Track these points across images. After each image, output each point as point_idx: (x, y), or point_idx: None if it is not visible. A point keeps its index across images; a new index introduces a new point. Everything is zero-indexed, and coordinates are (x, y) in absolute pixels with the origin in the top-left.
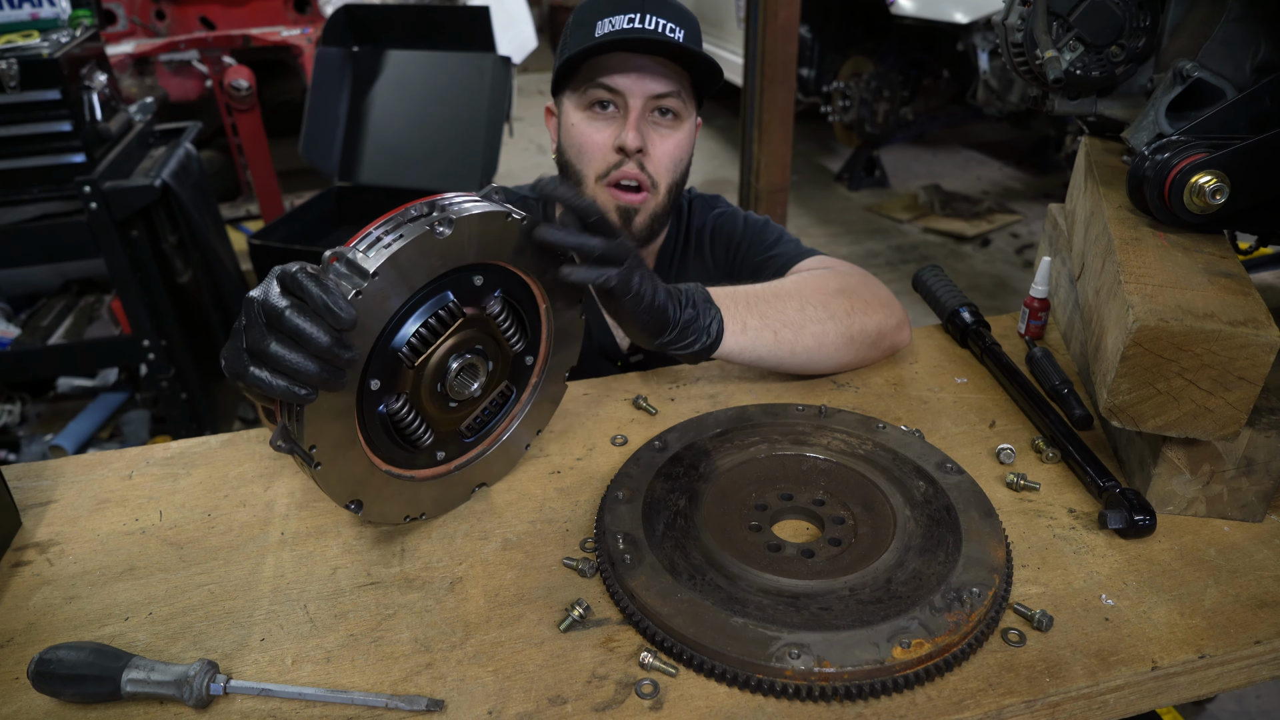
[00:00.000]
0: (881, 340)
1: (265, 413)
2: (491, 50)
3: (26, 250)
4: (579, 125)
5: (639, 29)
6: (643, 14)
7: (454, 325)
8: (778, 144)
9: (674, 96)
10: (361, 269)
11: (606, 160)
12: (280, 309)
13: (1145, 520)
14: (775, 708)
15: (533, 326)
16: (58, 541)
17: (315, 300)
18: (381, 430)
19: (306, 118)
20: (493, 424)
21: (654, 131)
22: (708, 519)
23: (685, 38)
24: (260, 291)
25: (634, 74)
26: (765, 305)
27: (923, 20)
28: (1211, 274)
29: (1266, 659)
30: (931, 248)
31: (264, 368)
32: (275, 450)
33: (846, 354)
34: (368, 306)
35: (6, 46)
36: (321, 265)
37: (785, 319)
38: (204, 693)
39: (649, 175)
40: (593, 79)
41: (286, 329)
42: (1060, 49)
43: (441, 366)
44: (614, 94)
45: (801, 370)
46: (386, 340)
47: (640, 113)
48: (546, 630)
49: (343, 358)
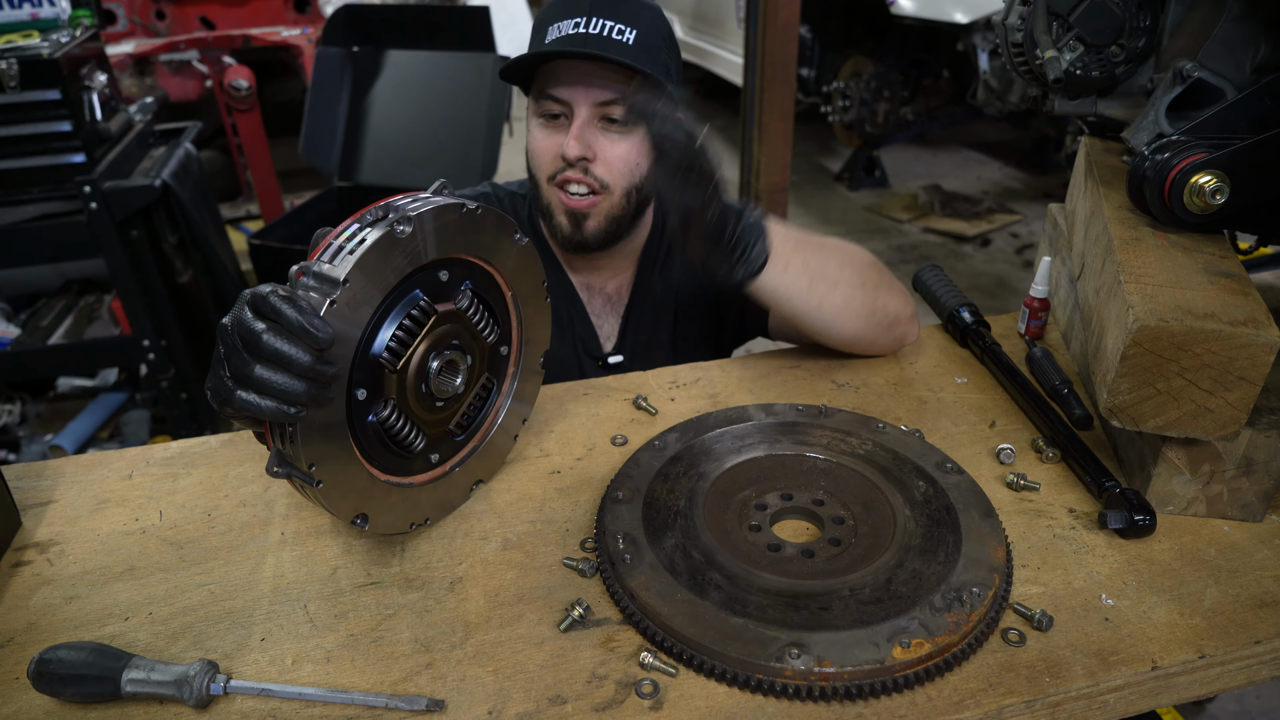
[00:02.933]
0: (896, 325)
1: (258, 437)
2: (491, 50)
3: (26, 250)
4: (533, 132)
5: (582, 34)
6: (589, 17)
7: (428, 323)
8: (778, 144)
9: (620, 103)
10: (331, 278)
11: (553, 165)
12: (258, 333)
13: (1145, 520)
14: (775, 708)
15: (502, 315)
16: (58, 541)
17: (291, 321)
18: (375, 440)
19: (306, 118)
20: (479, 418)
21: (602, 137)
22: (708, 519)
23: (637, 38)
24: (231, 319)
25: (579, 84)
26: (811, 252)
27: (923, 20)
28: (1211, 274)
29: (1266, 659)
30: (931, 248)
31: (250, 391)
32: (272, 476)
33: (865, 327)
34: (343, 315)
35: (6, 46)
36: (290, 282)
37: (823, 272)
38: (204, 693)
39: (597, 179)
40: (543, 89)
41: (266, 353)
42: (1060, 49)
43: (423, 366)
44: (561, 104)
45: (819, 329)
46: (366, 348)
47: (585, 120)
48: (546, 630)
49: (326, 373)
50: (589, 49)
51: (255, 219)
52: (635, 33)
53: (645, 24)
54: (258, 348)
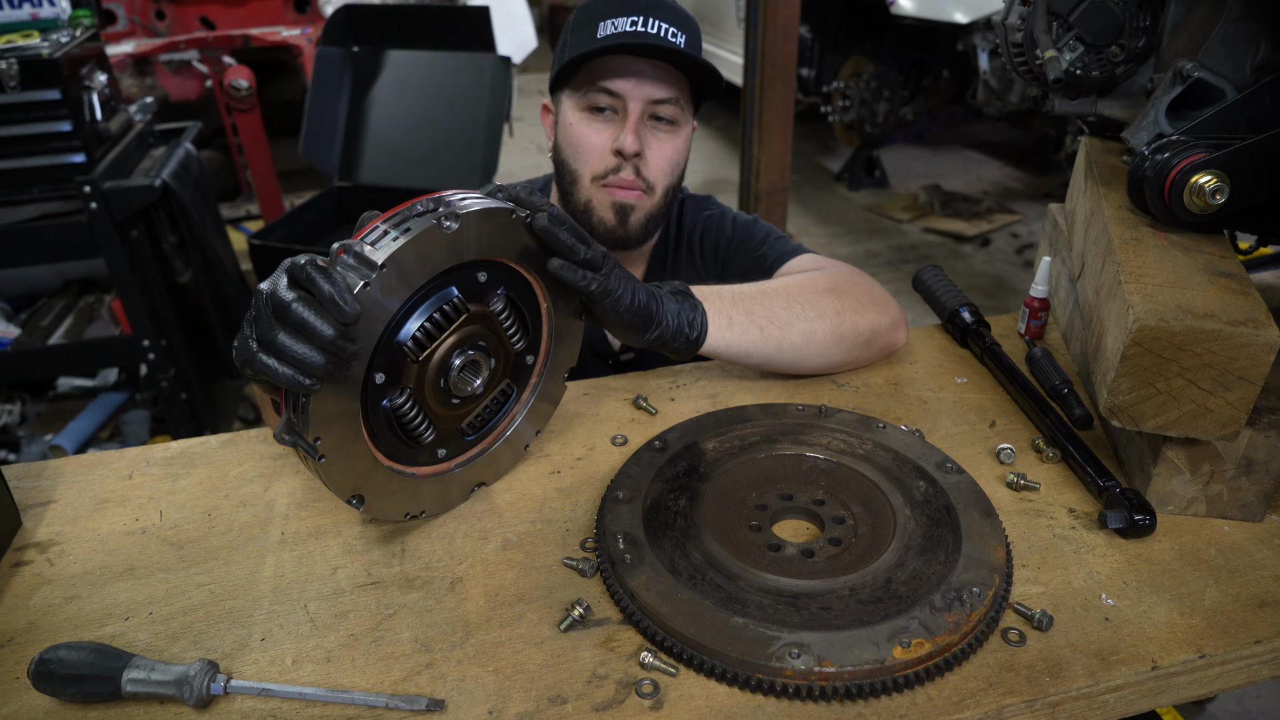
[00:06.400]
0: (875, 340)
1: (273, 404)
2: (491, 50)
3: (26, 250)
4: (577, 125)
5: (642, 33)
6: (646, 17)
7: (458, 321)
8: (778, 144)
9: (672, 103)
10: (369, 261)
11: (604, 162)
12: (287, 301)
13: (1145, 520)
14: (775, 708)
15: (534, 325)
16: (58, 541)
17: (322, 293)
18: (385, 425)
19: (306, 118)
20: (493, 422)
21: (651, 136)
22: (708, 519)
23: (687, 43)
24: (269, 284)
25: (634, 78)
26: (751, 302)
27: (923, 20)
28: (1211, 274)
29: (1266, 659)
30: (931, 248)
31: (271, 356)
32: (279, 443)
33: (837, 352)
34: (374, 299)
35: (6, 46)
36: (330, 257)
37: (771, 315)
38: (204, 692)
39: (644, 179)
40: (593, 81)
41: (293, 321)
42: (1060, 49)
43: (445, 362)
44: (614, 97)
45: (791, 368)
46: (392, 334)
47: (639, 117)
48: (546, 630)
49: (348, 350)
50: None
51: (255, 219)
52: (685, 38)
53: (690, 30)
54: (285, 314)
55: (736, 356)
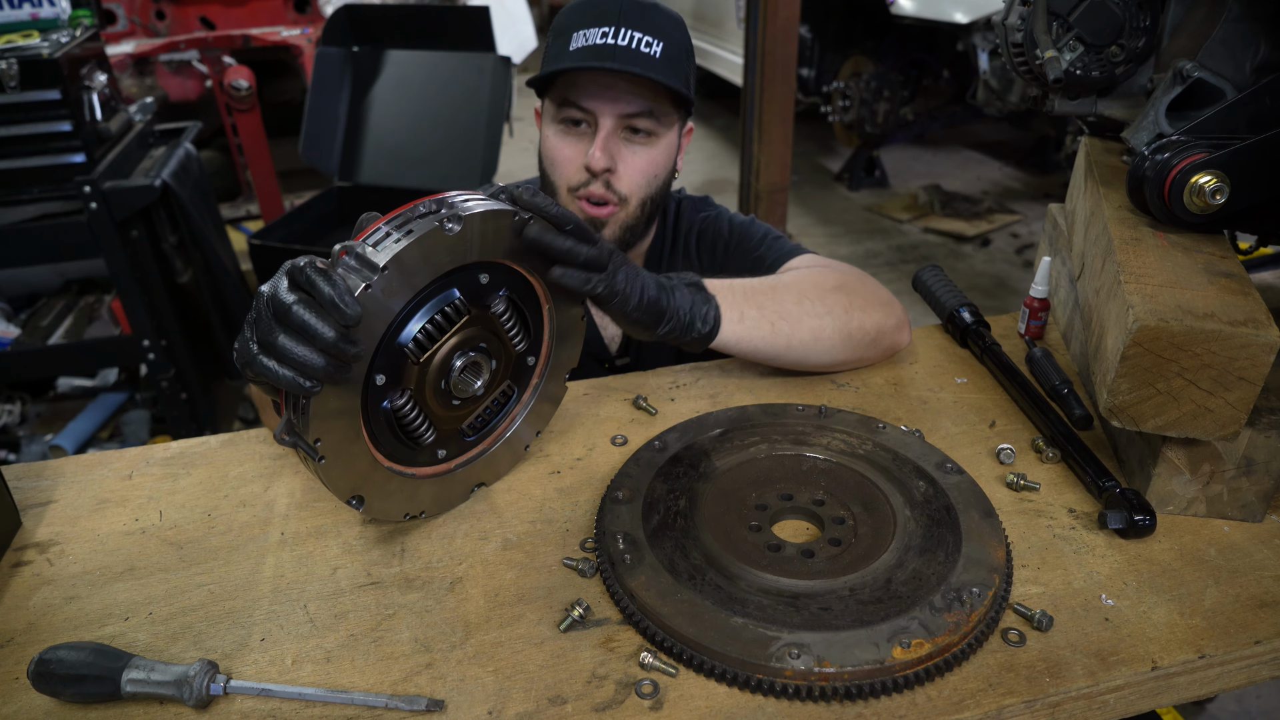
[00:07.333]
0: (880, 339)
1: (274, 405)
2: (491, 50)
3: (26, 250)
4: (552, 139)
5: (611, 45)
6: (618, 28)
7: (459, 322)
8: (778, 144)
9: (646, 116)
10: (371, 263)
11: (577, 176)
12: (288, 303)
13: (1145, 520)
14: (775, 708)
15: (535, 327)
16: (58, 541)
17: (322, 295)
18: (385, 426)
19: (306, 118)
20: (494, 423)
21: (625, 148)
22: (708, 519)
23: (663, 51)
24: (270, 286)
25: (605, 93)
26: (763, 297)
27: (923, 20)
28: (1211, 274)
29: (1266, 659)
30: (931, 248)
31: (271, 358)
32: (280, 444)
33: (844, 351)
34: (375, 301)
35: (6, 46)
36: (331, 259)
37: (782, 311)
38: (204, 693)
39: (616, 192)
40: (565, 96)
41: (293, 324)
42: (1060, 49)
43: (446, 363)
44: (585, 113)
45: (798, 365)
46: (393, 335)
47: (610, 131)
48: (546, 630)
49: (348, 352)
50: (618, 61)
51: (255, 219)
52: (662, 45)
53: (671, 36)
54: (286, 316)
55: (745, 351)
